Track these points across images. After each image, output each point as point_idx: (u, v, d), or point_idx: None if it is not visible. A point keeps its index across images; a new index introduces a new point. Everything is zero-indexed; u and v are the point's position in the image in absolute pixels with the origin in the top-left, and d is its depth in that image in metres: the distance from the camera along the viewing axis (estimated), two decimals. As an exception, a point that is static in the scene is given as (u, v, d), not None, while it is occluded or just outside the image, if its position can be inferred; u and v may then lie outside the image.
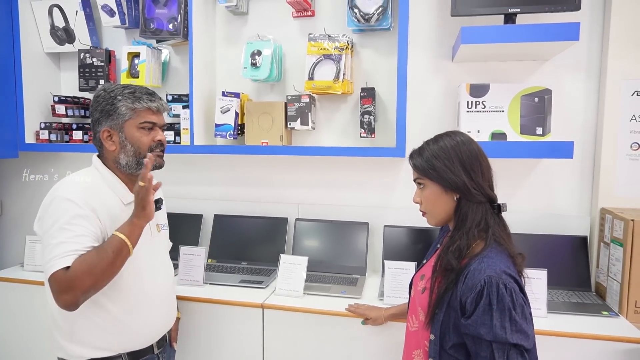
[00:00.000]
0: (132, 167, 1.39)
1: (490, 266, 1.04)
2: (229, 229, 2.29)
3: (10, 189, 2.69)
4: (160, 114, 1.42)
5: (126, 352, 1.38)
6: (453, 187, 1.12)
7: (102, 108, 1.36)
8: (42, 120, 2.46)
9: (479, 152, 1.15)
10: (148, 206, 1.30)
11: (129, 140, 1.36)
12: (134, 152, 1.37)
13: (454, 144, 1.14)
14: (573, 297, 1.80)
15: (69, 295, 1.20)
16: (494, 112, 1.90)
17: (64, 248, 1.22)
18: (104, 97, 1.36)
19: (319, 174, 2.27)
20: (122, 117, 1.35)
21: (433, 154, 1.14)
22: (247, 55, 2.12)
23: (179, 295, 1.77)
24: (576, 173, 2.00)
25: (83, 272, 1.20)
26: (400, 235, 2.09)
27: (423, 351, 1.16)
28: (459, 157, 1.12)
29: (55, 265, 1.20)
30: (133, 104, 1.35)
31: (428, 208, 1.19)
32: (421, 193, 1.19)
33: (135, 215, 1.31)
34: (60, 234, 1.23)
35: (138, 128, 1.37)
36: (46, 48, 2.47)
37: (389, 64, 2.11)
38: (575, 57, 1.95)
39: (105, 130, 1.36)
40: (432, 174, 1.14)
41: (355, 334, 1.68)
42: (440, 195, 1.15)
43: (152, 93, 1.40)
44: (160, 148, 1.42)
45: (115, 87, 1.38)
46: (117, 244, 1.25)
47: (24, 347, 2.08)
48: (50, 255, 1.22)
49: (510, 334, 0.99)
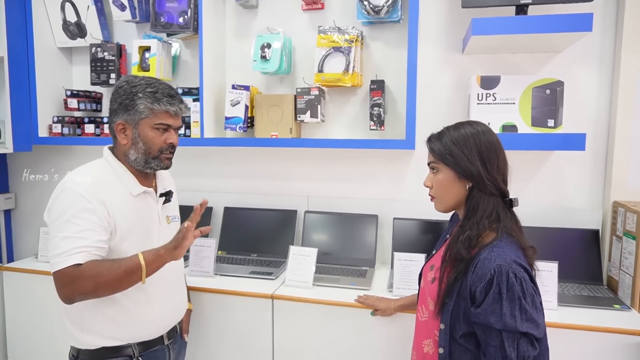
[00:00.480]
0: (140, 165, 1.39)
1: (500, 255, 1.04)
2: (239, 221, 2.30)
3: (24, 182, 2.73)
4: (178, 117, 1.41)
5: (136, 342, 1.39)
6: (467, 175, 1.12)
7: (122, 101, 1.35)
8: (55, 114, 2.49)
9: (497, 144, 1.14)
10: (181, 249, 1.31)
11: (141, 138, 1.36)
12: (144, 150, 1.37)
13: (474, 132, 1.13)
14: (584, 291, 1.79)
15: (67, 291, 1.22)
16: (505, 104, 1.89)
17: (71, 244, 1.22)
18: (125, 90, 1.35)
19: (328, 167, 2.27)
20: (140, 114, 1.34)
21: (452, 139, 1.14)
22: (256, 48, 2.12)
23: (190, 286, 1.79)
24: (588, 166, 1.98)
25: (88, 276, 1.21)
26: (410, 228, 2.09)
27: (433, 340, 1.16)
28: (477, 146, 1.12)
29: (63, 262, 1.21)
30: (152, 104, 1.34)
31: (438, 193, 1.18)
32: (433, 177, 1.19)
33: (165, 248, 1.31)
34: (66, 227, 1.24)
35: (153, 128, 1.36)
36: (58, 43, 2.49)
37: (398, 56, 2.10)
38: (588, 49, 1.93)
39: (121, 123, 1.36)
40: (448, 159, 1.13)
41: (364, 324, 1.68)
42: (452, 182, 1.14)
43: (174, 95, 1.39)
44: (170, 150, 1.42)
45: (139, 82, 1.36)
46: (132, 266, 1.26)
47: (38, 335, 2.12)
48: (57, 249, 1.23)
49: (520, 322, 0.99)
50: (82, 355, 1.36)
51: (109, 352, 1.35)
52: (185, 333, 1.64)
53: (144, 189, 1.41)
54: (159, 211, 1.46)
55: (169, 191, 1.51)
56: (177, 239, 1.31)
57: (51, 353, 2.09)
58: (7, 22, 2.26)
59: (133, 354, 1.38)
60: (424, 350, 1.19)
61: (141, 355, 1.39)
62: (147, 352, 1.41)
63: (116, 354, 1.36)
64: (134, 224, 1.36)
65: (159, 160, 1.40)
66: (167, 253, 1.30)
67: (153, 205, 1.45)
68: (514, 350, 1.00)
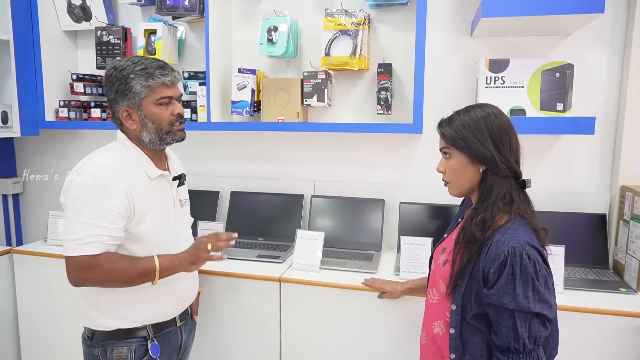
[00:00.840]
0: (156, 144, 1.39)
1: (514, 237, 1.04)
2: (246, 205, 2.31)
3: (32, 166, 2.75)
4: (175, 86, 1.40)
5: (150, 323, 1.41)
6: (480, 159, 1.12)
7: (117, 88, 1.34)
8: (61, 98, 2.49)
9: (509, 125, 1.14)
10: (197, 265, 1.38)
11: (149, 118, 1.35)
12: (155, 128, 1.37)
13: (485, 115, 1.13)
14: (590, 274, 1.80)
15: (79, 276, 1.26)
16: (514, 87, 1.87)
17: (87, 231, 1.24)
18: (117, 76, 1.34)
19: (335, 151, 2.27)
20: (138, 95, 1.33)
21: (463, 124, 1.14)
22: (263, 31, 2.11)
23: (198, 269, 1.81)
24: (596, 150, 1.97)
25: (104, 269, 1.25)
26: (416, 212, 2.09)
27: (444, 322, 1.18)
28: (489, 129, 1.12)
29: (78, 250, 1.24)
30: (147, 80, 1.32)
31: (452, 178, 1.18)
32: (446, 162, 1.19)
33: (180, 259, 1.36)
34: (83, 213, 1.25)
35: (156, 104, 1.35)
36: (63, 26, 2.48)
37: (406, 39, 2.08)
38: (598, 31, 1.90)
39: (124, 109, 1.35)
40: (460, 144, 1.13)
41: (371, 307, 1.70)
42: (466, 166, 1.14)
43: (163, 66, 1.37)
44: (180, 121, 1.41)
45: (126, 64, 1.34)
46: (148, 268, 1.31)
47: (49, 317, 2.15)
48: (73, 233, 1.25)
49: (533, 303, 1.00)
50: (97, 337, 1.38)
51: (124, 333, 1.38)
52: (195, 315, 1.67)
53: (161, 172, 1.42)
54: (174, 194, 1.48)
55: (183, 174, 1.52)
56: (197, 254, 1.36)
57: (62, 334, 2.13)
58: (12, 5, 2.25)
59: (148, 335, 1.40)
60: (434, 332, 1.21)
61: (156, 336, 1.42)
62: (161, 333, 1.44)
63: (131, 336, 1.38)
64: (152, 208, 1.37)
65: (173, 133, 1.39)
66: (181, 266, 1.36)
67: (168, 189, 1.46)
68: (526, 330, 1.01)
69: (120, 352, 1.37)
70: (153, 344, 1.40)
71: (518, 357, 1.02)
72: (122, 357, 1.37)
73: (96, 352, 1.38)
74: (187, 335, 1.57)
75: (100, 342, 1.37)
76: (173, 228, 1.45)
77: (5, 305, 2.21)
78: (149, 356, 1.40)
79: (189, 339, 1.61)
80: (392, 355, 1.71)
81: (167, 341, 1.46)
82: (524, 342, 1.01)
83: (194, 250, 1.37)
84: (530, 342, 1.01)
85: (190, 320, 1.61)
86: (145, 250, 1.35)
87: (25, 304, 2.20)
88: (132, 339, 1.38)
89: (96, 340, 1.38)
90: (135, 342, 1.38)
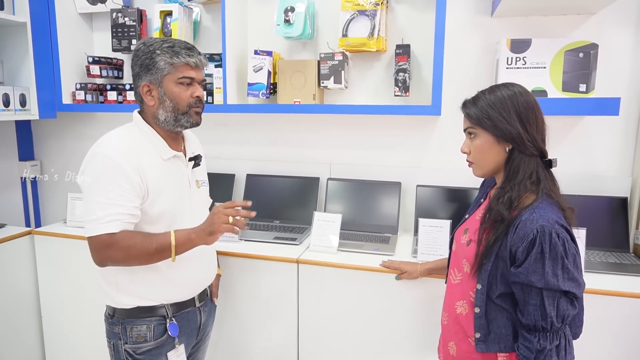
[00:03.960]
0: (170, 124, 1.38)
1: (542, 216, 1.04)
2: (261, 188, 2.32)
3: (50, 149, 2.78)
4: (199, 69, 1.40)
5: (169, 303, 1.42)
6: (507, 137, 1.11)
7: (142, 62, 1.35)
8: (78, 81, 2.50)
9: (535, 104, 1.13)
10: (216, 236, 1.32)
11: (167, 96, 1.35)
12: (172, 107, 1.36)
13: (510, 94, 1.12)
14: (610, 258, 1.78)
15: (100, 255, 1.28)
16: (535, 68, 1.84)
17: (105, 210, 1.25)
18: (144, 52, 1.35)
19: (351, 134, 2.26)
20: (161, 71, 1.34)
21: (489, 103, 1.12)
22: (280, 12, 2.08)
23: (218, 250, 1.82)
24: (619, 133, 1.93)
25: (121, 246, 1.25)
26: (433, 195, 2.08)
27: (468, 301, 1.17)
28: (515, 107, 1.10)
29: (99, 229, 1.25)
30: (172, 58, 1.33)
31: (477, 158, 1.17)
32: (471, 143, 1.18)
33: (196, 232, 1.31)
34: (100, 193, 1.27)
35: (177, 83, 1.35)
36: (79, 8, 2.48)
37: (424, 20, 2.05)
38: (624, 10, 1.86)
39: (145, 84, 1.36)
40: (486, 123, 1.12)
41: (389, 289, 1.71)
42: (492, 145, 1.13)
43: (191, 47, 1.38)
44: (198, 104, 1.40)
45: (155, 41, 1.36)
46: (164, 244, 1.29)
47: (70, 296, 2.19)
48: (92, 214, 1.26)
49: (563, 281, 1.00)
50: (117, 314, 1.40)
51: (144, 311, 1.39)
52: (215, 297, 1.66)
53: (174, 153, 1.41)
54: (189, 175, 1.47)
55: (198, 155, 1.52)
56: (216, 224, 1.29)
57: (83, 313, 2.17)
58: (28, -13, 2.25)
59: (166, 314, 1.41)
60: (457, 312, 1.21)
61: (174, 315, 1.43)
62: (180, 313, 1.45)
63: (150, 314, 1.40)
64: (166, 188, 1.37)
65: (189, 115, 1.39)
66: (198, 238, 1.31)
67: (183, 169, 1.45)
68: (554, 308, 1.01)
69: (140, 330, 1.39)
70: (172, 323, 1.42)
71: (545, 335, 1.02)
72: (141, 335, 1.39)
73: (117, 329, 1.40)
74: (207, 317, 1.58)
75: (121, 320, 1.39)
76: (189, 209, 1.44)
77: (27, 285, 2.26)
78: (168, 335, 1.41)
79: (209, 320, 1.61)
80: (411, 336, 1.72)
81: (185, 321, 1.47)
82: (551, 320, 1.01)
83: (211, 220, 1.32)
84: (558, 321, 1.01)
85: (210, 302, 1.61)
86: (162, 230, 1.34)
87: (46, 284, 2.24)
88: (151, 318, 1.40)
89: (117, 318, 1.40)
90: (154, 320, 1.40)
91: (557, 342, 1.02)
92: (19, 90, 2.32)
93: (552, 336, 1.02)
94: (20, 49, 2.34)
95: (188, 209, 1.44)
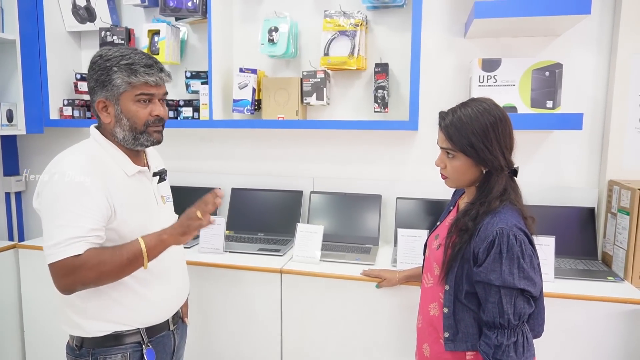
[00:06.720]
0: (130, 142, 1.29)
1: (502, 220, 1.12)
2: (246, 202, 2.37)
3: (36, 163, 2.79)
4: (160, 85, 1.31)
5: (145, 327, 1.32)
6: (488, 165, 1.16)
7: (97, 77, 1.26)
8: (65, 97, 2.55)
9: (511, 128, 1.18)
10: (188, 236, 1.25)
11: (124, 114, 1.26)
12: (129, 126, 1.27)
13: (492, 121, 1.14)
14: (580, 265, 1.87)
15: (67, 281, 1.16)
16: (505, 86, 1.95)
17: (68, 233, 1.14)
18: (100, 66, 1.25)
19: (333, 148, 2.34)
20: (117, 88, 1.24)
21: (473, 131, 1.14)
22: (264, 32, 2.17)
23: (201, 262, 1.87)
24: (585, 146, 2.05)
25: (90, 265, 1.15)
26: (412, 207, 2.16)
27: (438, 303, 1.24)
28: (497, 137, 1.14)
29: (60, 253, 1.14)
30: (129, 77, 1.24)
31: (453, 176, 1.22)
32: (448, 161, 1.21)
33: (168, 232, 1.23)
34: (62, 215, 1.16)
35: (134, 101, 1.26)
36: (68, 27, 2.54)
37: (401, 40, 2.16)
38: (586, 32, 1.99)
39: (101, 100, 1.27)
40: (470, 151, 1.15)
41: (369, 297, 1.76)
42: (469, 167, 1.19)
43: (151, 65, 1.27)
44: (157, 124, 1.31)
45: (112, 54, 1.26)
46: (134, 252, 1.19)
47: (53, 310, 2.17)
48: (52, 239, 1.15)
49: (518, 279, 1.07)
50: (86, 345, 1.28)
51: (117, 338, 1.28)
52: (185, 317, 1.57)
53: (139, 168, 1.33)
54: (155, 191, 1.39)
55: (163, 169, 1.44)
56: (187, 225, 1.23)
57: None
58: (19, 6, 2.30)
59: (142, 340, 1.32)
60: (430, 314, 1.27)
61: (150, 341, 1.33)
62: (155, 337, 1.36)
63: (124, 341, 1.29)
64: (134, 205, 1.29)
65: (148, 134, 1.30)
66: (171, 238, 1.24)
67: (148, 185, 1.37)
68: (512, 306, 1.08)
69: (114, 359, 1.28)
70: (148, 349, 1.32)
71: (503, 332, 1.08)
72: None
73: None
74: (180, 340, 1.50)
75: (91, 351, 1.27)
76: (158, 226, 1.29)
77: (11, 299, 2.25)
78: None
79: (181, 343, 1.53)
80: (390, 342, 1.77)
81: (161, 346, 1.38)
82: (508, 317, 1.08)
83: (184, 221, 1.25)
84: (515, 318, 1.08)
85: (181, 324, 1.52)
86: None
87: (30, 298, 2.24)
88: (126, 345, 1.29)
89: (86, 349, 1.27)
90: (130, 348, 1.29)
91: (514, 338, 1.08)
92: (7, 106, 2.36)
93: (510, 333, 1.08)
94: (9, 66, 2.38)
95: (157, 225, 1.30)
